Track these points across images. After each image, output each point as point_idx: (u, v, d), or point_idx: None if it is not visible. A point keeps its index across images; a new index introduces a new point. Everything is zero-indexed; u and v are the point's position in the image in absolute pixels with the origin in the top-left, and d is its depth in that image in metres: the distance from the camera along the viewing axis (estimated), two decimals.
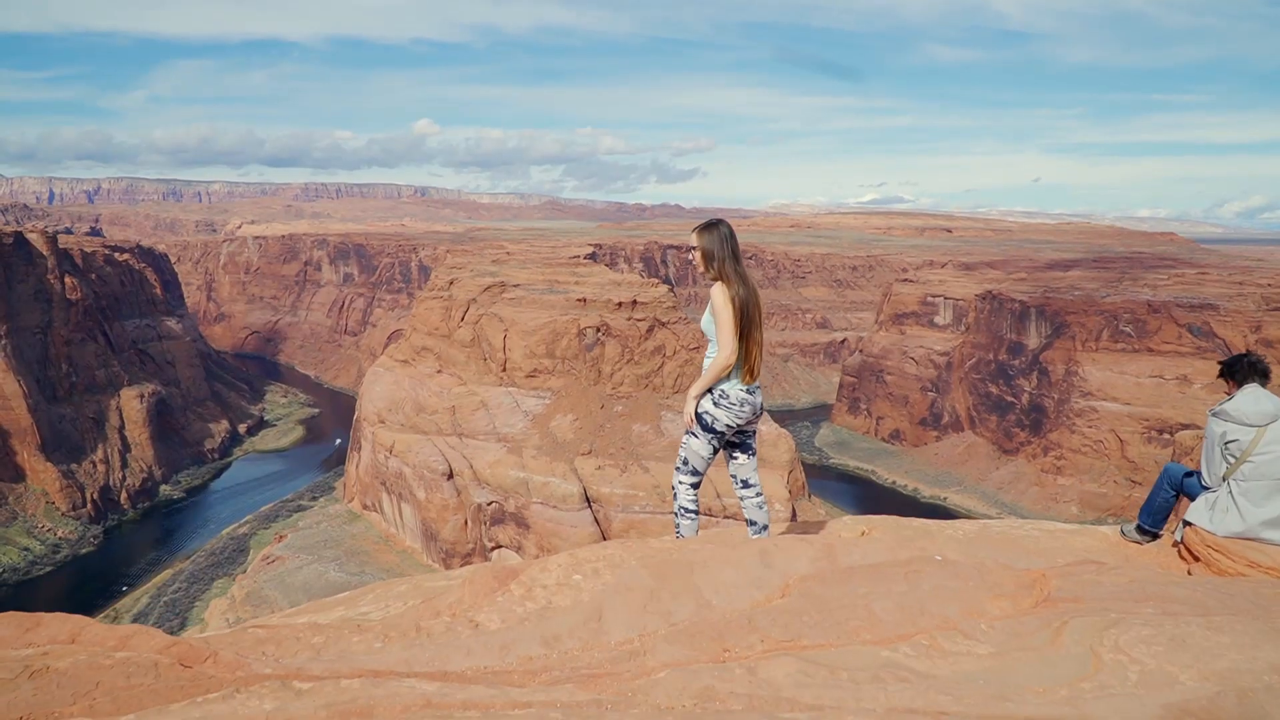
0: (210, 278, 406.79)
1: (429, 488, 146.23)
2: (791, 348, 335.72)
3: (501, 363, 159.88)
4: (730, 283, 12.08)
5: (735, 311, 11.96)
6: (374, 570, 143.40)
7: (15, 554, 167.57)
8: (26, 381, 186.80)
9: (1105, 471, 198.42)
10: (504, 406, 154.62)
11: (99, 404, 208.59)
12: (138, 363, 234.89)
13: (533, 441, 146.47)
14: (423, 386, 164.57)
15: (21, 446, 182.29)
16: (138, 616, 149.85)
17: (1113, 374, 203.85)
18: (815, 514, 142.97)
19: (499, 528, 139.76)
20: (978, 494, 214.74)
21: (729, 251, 12.23)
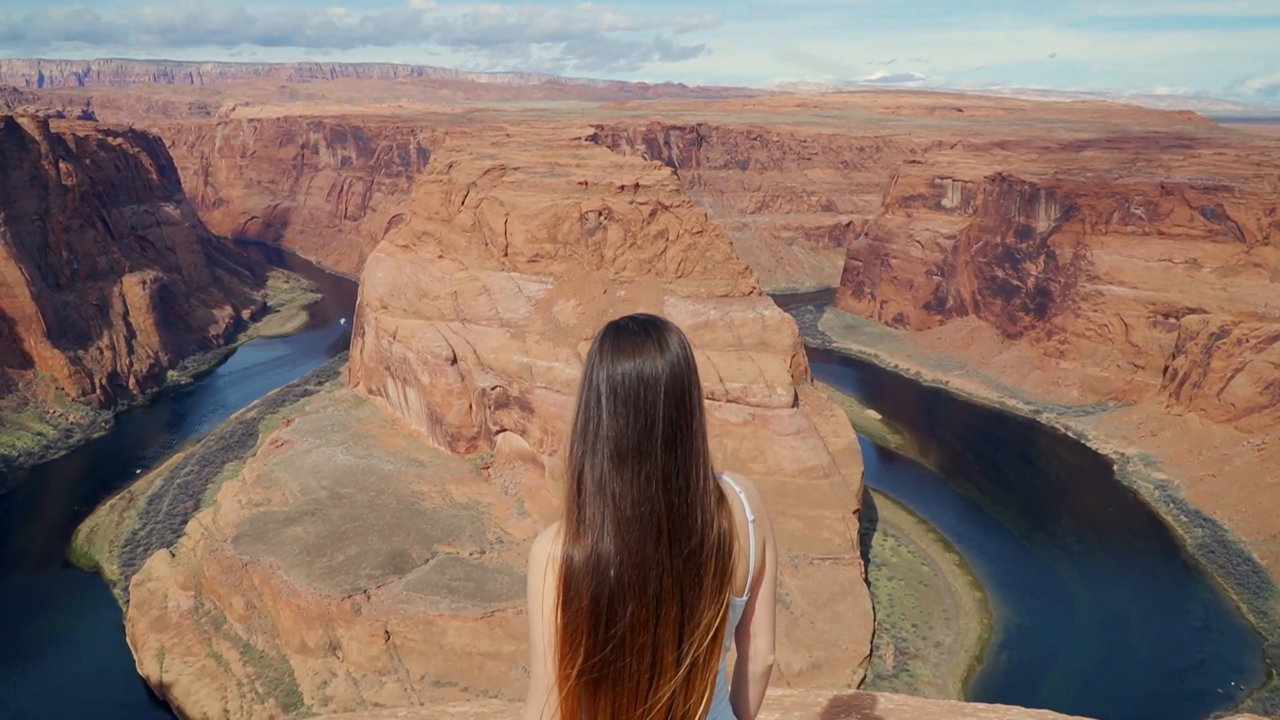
0: (206, 162, 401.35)
1: (433, 373, 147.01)
2: (796, 231, 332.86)
3: (503, 247, 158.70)
4: (579, 530, 5.18)
5: (565, 614, 5.10)
6: (381, 453, 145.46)
7: (29, 439, 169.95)
8: (28, 269, 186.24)
9: (1108, 356, 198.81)
10: (506, 292, 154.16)
11: (102, 291, 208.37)
12: (138, 249, 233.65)
13: (535, 326, 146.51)
14: (424, 272, 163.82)
15: (28, 334, 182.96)
16: (152, 498, 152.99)
17: (1121, 258, 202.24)
18: (817, 398, 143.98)
19: (503, 412, 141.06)
20: (979, 378, 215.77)
21: (617, 425, 5.14)
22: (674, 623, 4.91)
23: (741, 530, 5.34)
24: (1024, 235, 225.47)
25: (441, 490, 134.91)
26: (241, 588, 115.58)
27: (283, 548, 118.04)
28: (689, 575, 4.97)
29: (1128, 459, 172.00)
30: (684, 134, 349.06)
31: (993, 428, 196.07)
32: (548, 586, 5.08)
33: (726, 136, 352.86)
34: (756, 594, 5.52)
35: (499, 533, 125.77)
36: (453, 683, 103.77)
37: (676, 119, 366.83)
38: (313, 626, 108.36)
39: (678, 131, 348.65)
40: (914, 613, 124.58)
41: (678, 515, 4.98)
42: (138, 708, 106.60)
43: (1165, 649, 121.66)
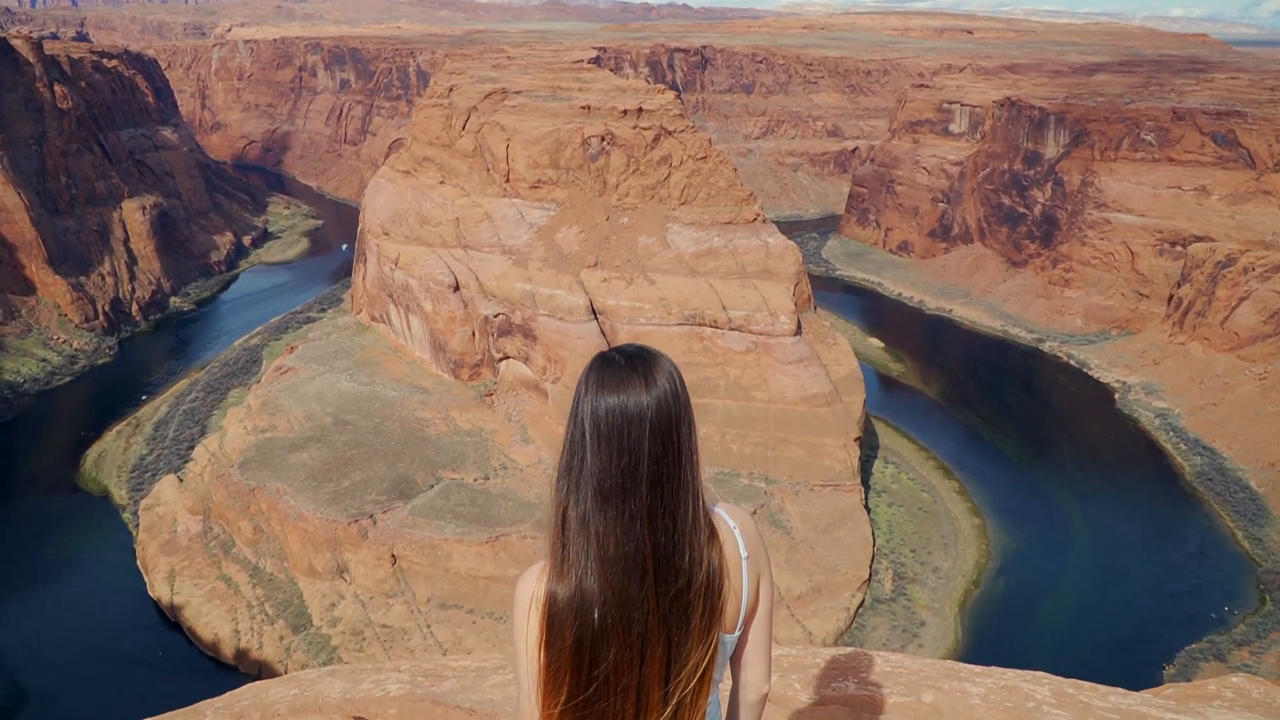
0: (203, 85, 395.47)
1: (436, 300, 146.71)
2: (801, 157, 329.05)
3: (505, 173, 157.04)
4: (563, 569, 5.10)
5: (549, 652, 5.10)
6: (385, 380, 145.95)
7: (34, 365, 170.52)
8: (26, 194, 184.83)
9: (1113, 284, 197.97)
10: (508, 218, 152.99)
11: (101, 216, 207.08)
12: (136, 174, 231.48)
13: (538, 254, 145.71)
14: (425, 198, 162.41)
15: (29, 260, 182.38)
16: (158, 424, 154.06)
17: (1130, 184, 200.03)
18: (820, 326, 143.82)
19: (506, 339, 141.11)
20: (983, 306, 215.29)
21: (601, 463, 4.97)
22: (660, 663, 4.78)
23: (734, 567, 5.15)
24: (1032, 162, 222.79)
25: (445, 417, 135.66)
26: (249, 512, 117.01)
27: (289, 473, 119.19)
28: (676, 615, 4.82)
29: (1129, 387, 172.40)
30: (688, 57, 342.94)
31: (995, 356, 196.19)
32: (531, 625, 5.00)
33: (731, 59, 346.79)
34: (749, 629, 5.38)
35: (503, 459, 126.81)
36: (458, 605, 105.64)
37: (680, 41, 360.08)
38: (320, 550, 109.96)
39: (681, 54, 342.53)
40: (913, 538, 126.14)
41: (664, 554, 4.82)
42: (150, 629, 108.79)
43: (1161, 575, 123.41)
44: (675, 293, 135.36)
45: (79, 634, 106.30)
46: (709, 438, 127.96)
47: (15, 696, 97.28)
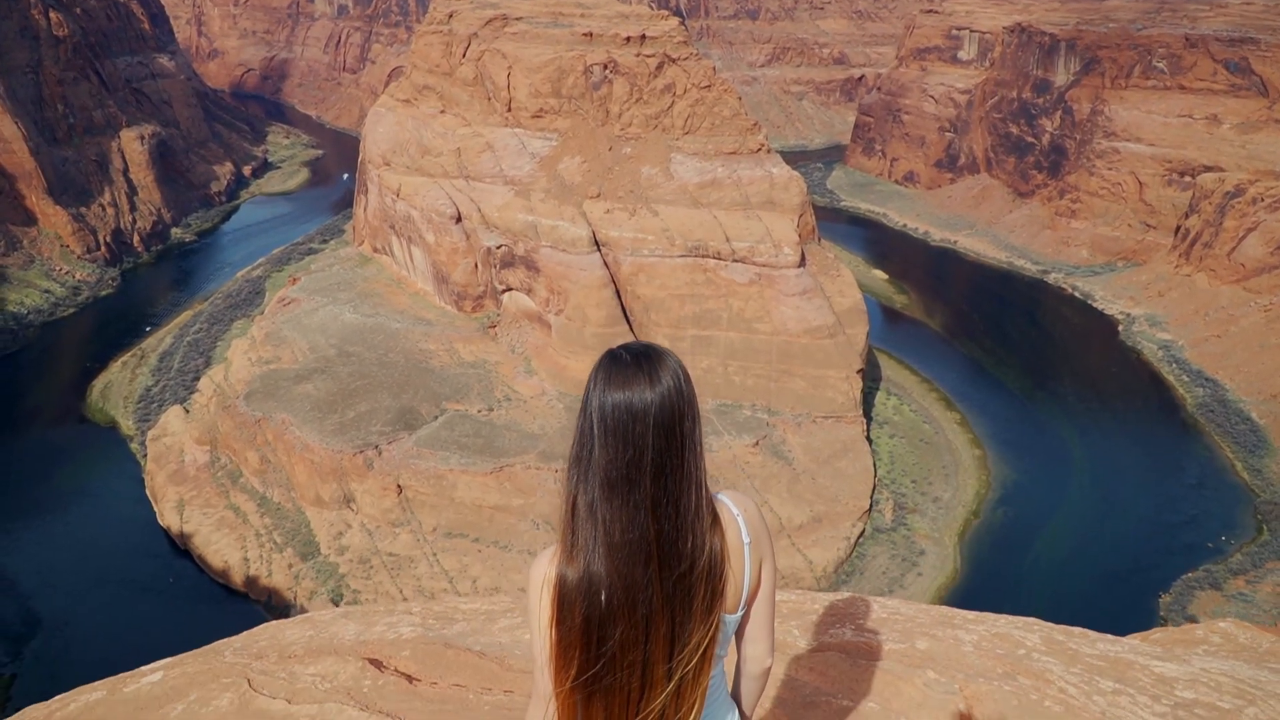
0: (199, 10, 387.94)
1: (438, 231, 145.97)
2: (806, 85, 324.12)
3: (506, 102, 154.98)
4: (572, 553, 5.31)
5: (559, 630, 5.27)
6: (388, 312, 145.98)
7: (38, 296, 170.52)
8: (24, 124, 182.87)
9: (1120, 215, 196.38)
10: (510, 148, 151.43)
11: (100, 146, 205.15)
12: (134, 103, 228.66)
13: (540, 184, 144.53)
14: (426, 127, 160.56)
15: (29, 190, 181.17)
16: (163, 355, 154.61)
17: (1140, 113, 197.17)
18: (824, 257, 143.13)
19: (509, 271, 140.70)
20: (989, 237, 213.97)
21: (608, 455, 5.19)
22: (664, 641, 5.08)
23: (736, 552, 5.41)
24: (1041, 90, 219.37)
25: (449, 348, 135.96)
26: (255, 443, 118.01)
27: (294, 404, 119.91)
28: (679, 597, 5.11)
29: (1133, 319, 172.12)
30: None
31: (1000, 288, 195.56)
32: (543, 605, 5.27)
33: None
34: (751, 609, 5.69)
35: (506, 390, 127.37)
36: (464, 534, 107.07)
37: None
38: (326, 480, 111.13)
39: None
40: (914, 469, 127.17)
41: (667, 540, 5.09)
42: (160, 556, 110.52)
43: (1159, 505, 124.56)
44: (678, 224, 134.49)
45: (90, 561, 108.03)
46: (711, 370, 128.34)
47: (29, 622, 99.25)
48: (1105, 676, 10.02)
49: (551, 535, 69.25)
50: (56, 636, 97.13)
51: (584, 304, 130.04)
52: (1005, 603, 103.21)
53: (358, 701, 11.74)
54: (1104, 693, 9.58)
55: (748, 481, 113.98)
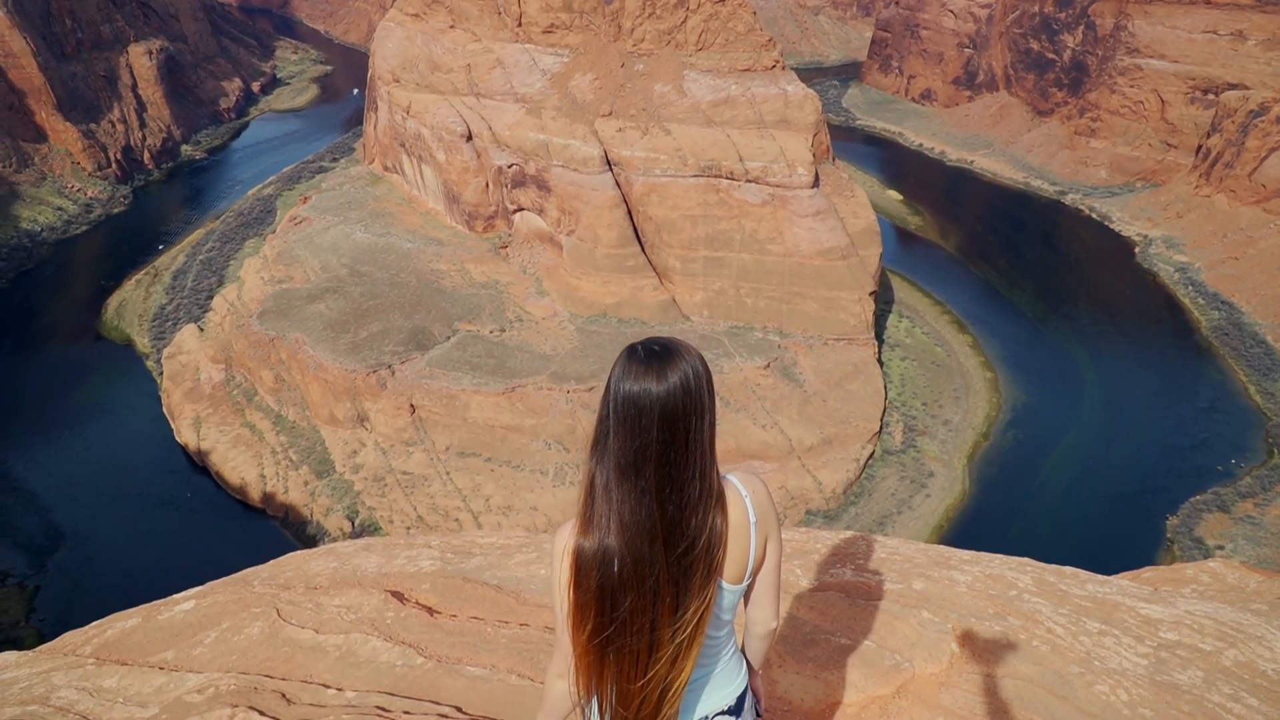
0: None
1: (448, 150, 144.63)
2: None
3: (516, 17, 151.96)
4: (589, 527, 5.77)
5: (576, 594, 5.78)
6: (400, 231, 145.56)
7: (50, 213, 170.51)
8: (33, 38, 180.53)
9: (1141, 134, 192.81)
10: (521, 65, 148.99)
11: (108, 61, 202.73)
12: (141, 17, 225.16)
13: (551, 102, 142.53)
14: (436, 43, 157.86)
15: (38, 106, 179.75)
16: (176, 274, 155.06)
17: (1164, 29, 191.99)
18: (838, 178, 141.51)
19: (520, 190, 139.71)
20: (1005, 157, 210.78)
21: (620, 443, 5.61)
22: (668, 610, 5.65)
23: (741, 530, 5.88)
24: (1064, 4, 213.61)
25: (460, 269, 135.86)
26: (270, 361, 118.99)
27: (307, 324, 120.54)
28: (681, 572, 5.66)
29: (1150, 241, 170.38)
30: None
31: (1016, 209, 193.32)
32: (563, 570, 5.82)
33: None
34: (756, 579, 6.21)
35: (518, 311, 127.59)
36: (476, 453, 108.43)
37: None
38: (340, 399, 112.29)
39: None
40: (924, 392, 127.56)
41: (671, 522, 5.59)
42: (178, 472, 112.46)
43: (1169, 428, 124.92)
44: (691, 143, 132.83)
45: (109, 476, 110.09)
46: (723, 291, 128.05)
47: (51, 535, 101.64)
48: (1092, 618, 10.48)
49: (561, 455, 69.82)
50: (78, 549, 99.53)
51: (595, 224, 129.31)
52: (1013, 523, 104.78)
53: (381, 632, 12.33)
54: (1090, 633, 10.06)
55: (758, 403, 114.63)
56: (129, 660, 13.27)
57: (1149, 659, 9.63)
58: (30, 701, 12.20)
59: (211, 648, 12.98)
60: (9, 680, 13.35)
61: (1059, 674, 9.21)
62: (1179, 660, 9.64)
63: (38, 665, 13.82)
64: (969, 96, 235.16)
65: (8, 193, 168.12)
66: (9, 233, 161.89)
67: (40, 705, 12.04)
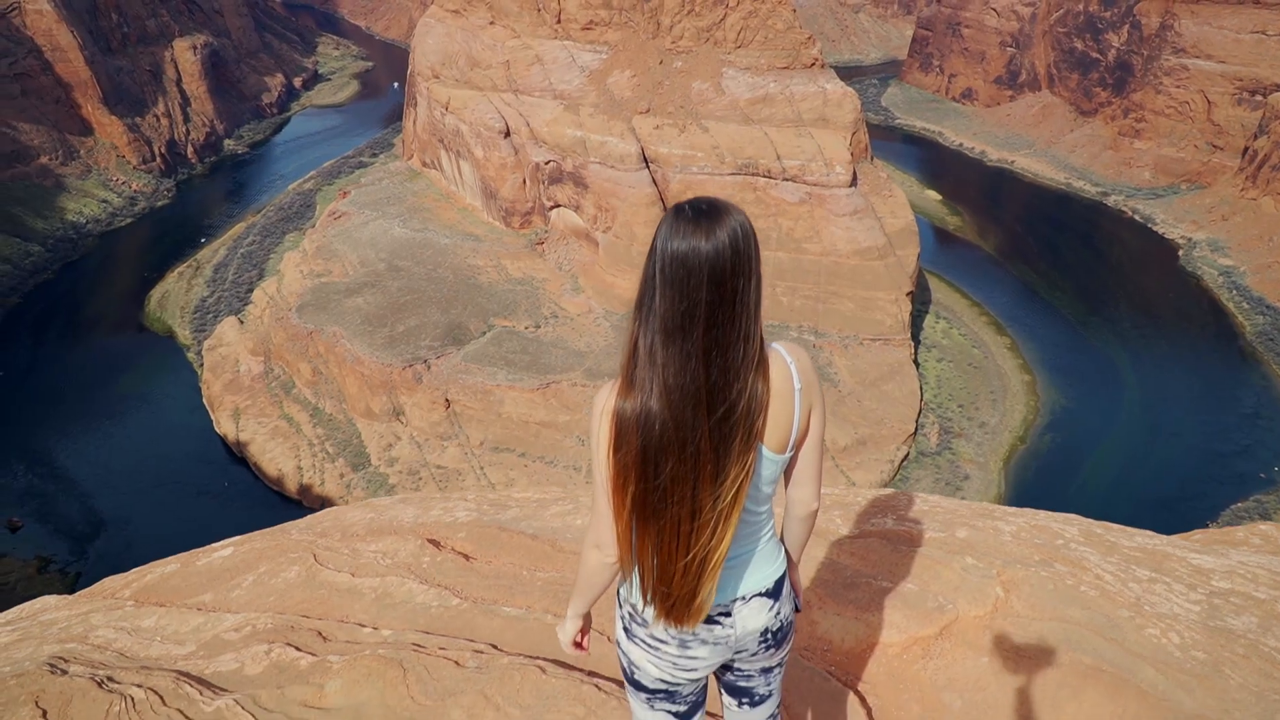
0: None
1: (486, 146, 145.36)
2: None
3: (555, 13, 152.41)
4: (631, 388, 5.54)
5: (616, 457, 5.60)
6: (437, 227, 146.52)
7: (96, 206, 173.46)
8: (79, 33, 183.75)
9: (1186, 135, 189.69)
10: (559, 61, 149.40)
11: (153, 56, 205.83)
12: (185, 12, 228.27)
13: (589, 99, 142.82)
14: (475, 39, 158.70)
15: (85, 100, 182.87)
16: (218, 267, 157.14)
17: (1211, 28, 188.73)
18: (877, 177, 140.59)
19: (557, 187, 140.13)
20: (1047, 158, 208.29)
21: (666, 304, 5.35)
22: (709, 477, 5.41)
23: (785, 396, 5.65)
24: (1108, 3, 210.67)
25: (497, 265, 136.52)
26: (308, 355, 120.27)
27: (345, 318, 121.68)
28: (722, 436, 5.40)
29: (1194, 244, 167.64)
30: None
31: (1057, 210, 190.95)
32: (603, 431, 5.59)
33: None
34: (799, 452, 5.96)
35: (554, 308, 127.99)
36: (510, 449, 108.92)
37: None
38: (376, 393, 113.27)
39: None
40: (961, 394, 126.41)
41: (715, 386, 5.35)
42: (216, 462, 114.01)
43: (1211, 434, 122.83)
44: (729, 141, 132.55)
45: (149, 465, 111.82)
46: None
47: (92, 522, 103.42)
48: (1142, 566, 10.36)
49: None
50: (118, 536, 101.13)
51: (632, 221, 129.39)
52: None
53: (417, 576, 12.47)
54: (1140, 580, 9.92)
55: None
56: (167, 602, 13.64)
57: (1201, 605, 9.48)
58: (69, 640, 12.51)
59: (249, 590, 13.27)
60: (48, 621, 13.73)
61: (1108, 617, 9.10)
62: (1232, 607, 9.48)
63: (76, 608, 14.22)
64: (1010, 96, 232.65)
65: (54, 185, 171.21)
66: (55, 224, 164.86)
67: (79, 643, 12.33)
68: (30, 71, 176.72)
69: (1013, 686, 8.52)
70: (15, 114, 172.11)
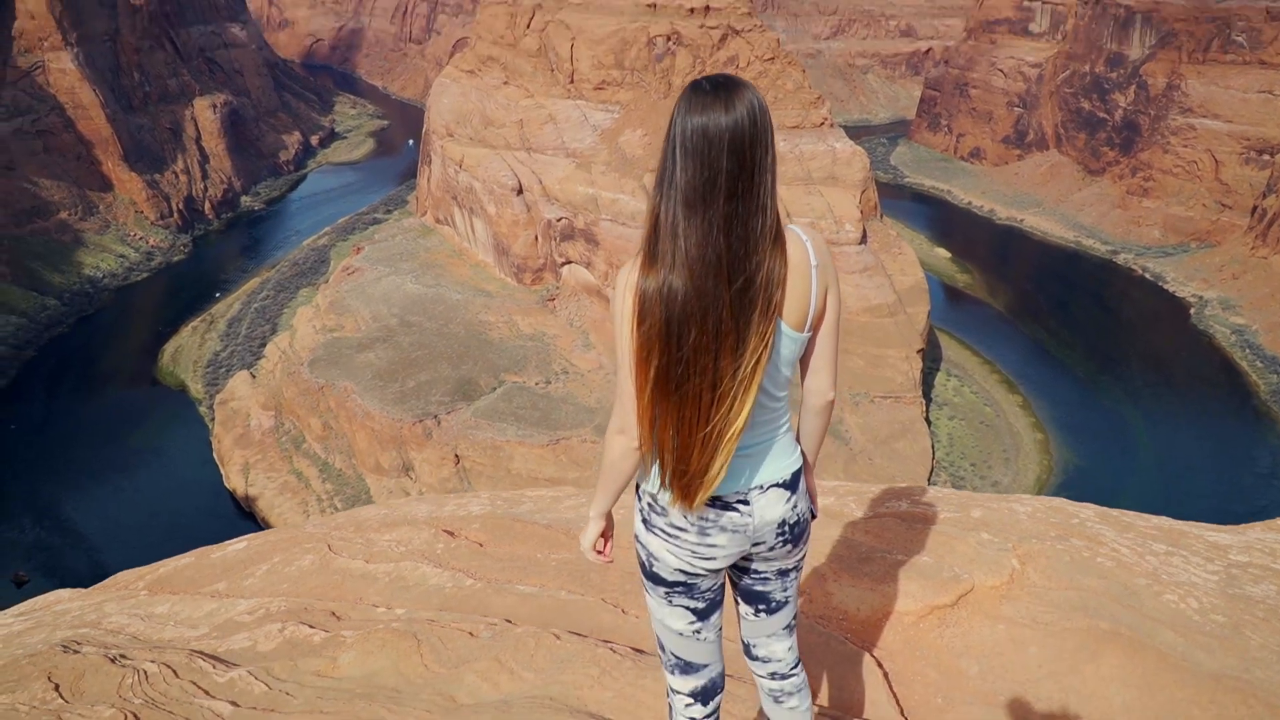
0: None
1: (499, 203, 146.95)
2: (872, 58, 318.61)
3: (569, 74, 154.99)
4: (653, 263, 5.60)
5: (639, 331, 5.64)
6: (449, 283, 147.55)
7: (113, 261, 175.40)
8: (102, 91, 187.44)
9: (1195, 195, 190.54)
10: (572, 120, 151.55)
11: (174, 114, 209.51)
12: (206, 72, 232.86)
13: (601, 157, 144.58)
14: (490, 99, 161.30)
15: (105, 156, 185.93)
16: (231, 321, 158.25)
17: (1218, 89, 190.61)
18: (886, 235, 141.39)
19: (569, 243, 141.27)
20: (1056, 216, 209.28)
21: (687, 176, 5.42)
22: (730, 349, 5.50)
23: (802, 272, 5.75)
24: (1115, 64, 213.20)
25: (508, 320, 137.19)
26: (319, 409, 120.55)
27: (356, 372, 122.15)
28: (742, 307, 5.50)
29: (1206, 302, 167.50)
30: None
31: (1066, 268, 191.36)
32: (627, 306, 5.67)
33: None
34: (817, 333, 6.03)
35: (564, 364, 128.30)
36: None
37: None
38: (386, 448, 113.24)
39: None
40: (973, 452, 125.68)
41: (736, 256, 5.45)
42: (225, 517, 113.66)
43: (1227, 495, 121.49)
44: None
45: (159, 519, 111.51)
46: None
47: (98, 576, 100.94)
48: (1159, 542, 10.75)
49: None
50: None
51: None
52: None
53: (432, 561, 12.77)
54: (1157, 554, 10.25)
55: None
56: (180, 592, 14.03)
57: (1219, 575, 9.70)
58: (82, 626, 12.80)
59: (263, 579, 13.60)
60: (62, 610, 14.14)
61: (1125, 586, 9.28)
62: (1251, 577, 9.69)
63: (90, 599, 14.71)
64: (1019, 155, 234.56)
65: (72, 240, 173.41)
66: (72, 279, 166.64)
67: (92, 629, 12.61)
68: (53, 129, 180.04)
69: (1030, 651, 8.72)
70: (37, 170, 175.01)
